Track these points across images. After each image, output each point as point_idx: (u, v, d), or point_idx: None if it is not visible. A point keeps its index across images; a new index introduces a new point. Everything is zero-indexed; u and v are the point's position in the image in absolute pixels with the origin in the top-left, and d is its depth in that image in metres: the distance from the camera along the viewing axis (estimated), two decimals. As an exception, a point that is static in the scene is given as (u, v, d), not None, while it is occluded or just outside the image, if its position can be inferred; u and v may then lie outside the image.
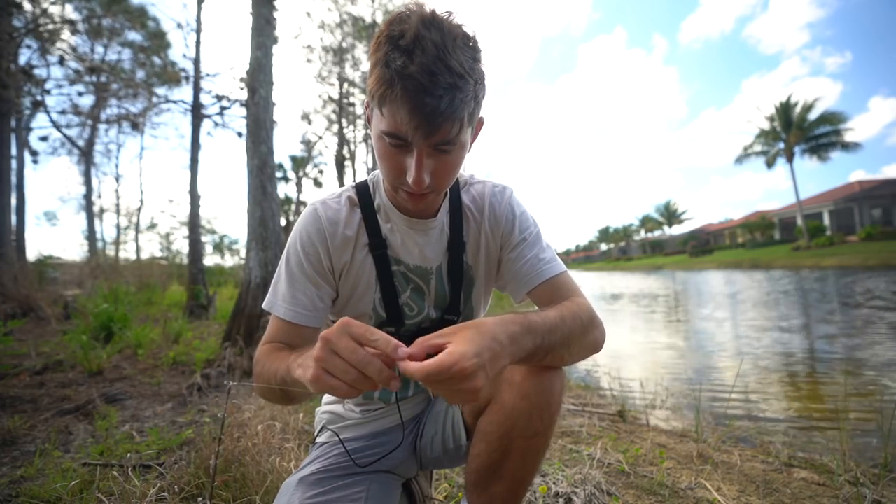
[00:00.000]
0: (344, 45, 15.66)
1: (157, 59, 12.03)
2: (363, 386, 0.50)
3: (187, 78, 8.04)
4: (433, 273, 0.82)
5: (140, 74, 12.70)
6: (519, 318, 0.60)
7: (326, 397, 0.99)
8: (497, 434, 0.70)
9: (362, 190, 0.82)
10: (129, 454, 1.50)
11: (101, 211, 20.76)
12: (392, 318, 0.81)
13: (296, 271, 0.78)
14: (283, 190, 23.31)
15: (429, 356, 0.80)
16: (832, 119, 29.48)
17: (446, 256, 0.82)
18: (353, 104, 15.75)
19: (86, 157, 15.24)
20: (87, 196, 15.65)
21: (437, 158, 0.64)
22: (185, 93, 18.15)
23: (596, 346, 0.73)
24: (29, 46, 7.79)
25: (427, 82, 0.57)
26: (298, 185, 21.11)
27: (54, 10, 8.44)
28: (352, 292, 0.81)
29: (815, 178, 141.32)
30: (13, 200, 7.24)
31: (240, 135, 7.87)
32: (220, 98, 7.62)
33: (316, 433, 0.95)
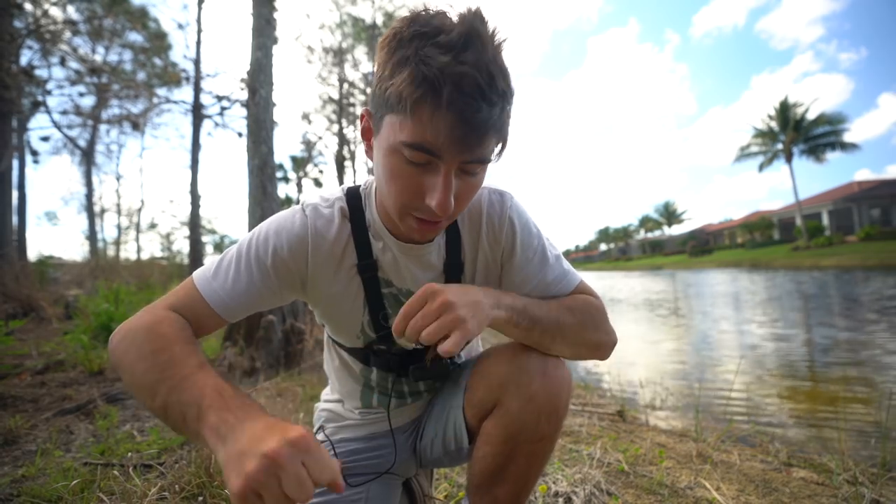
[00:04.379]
0: (344, 45, 15.67)
1: (157, 60, 12.07)
2: None
3: (188, 78, 8.07)
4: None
5: (141, 75, 12.73)
6: (490, 289, 0.66)
7: (325, 394, 0.98)
8: (503, 437, 0.69)
9: (354, 201, 0.73)
10: (129, 453, 1.51)
11: (102, 211, 20.79)
12: (382, 338, 0.77)
13: (254, 267, 0.68)
14: (284, 190, 23.36)
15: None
16: (830, 120, 29.51)
17: (443, 279, 0.75)
18: (353, 104, 15.75)
19: (87, 157, 15.26)
20: (88, 196, 15.67)
21: (462, 180, 0.57)
22: (185, 93, 18.24)
23: (598, 348, 0.72)
24: (30, 47, 7.82)
25: (486, 85, 0.49)
26: (299, 185, 21.13)
27: (55, 11, 8.47)
28: (335, 310, 0.76)
29: (819, 177, 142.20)
30: (14, 200, 7.25)
31: (240, 135, 7.90)
32: (220, 98, 7.66)
33: (315, 430, 0.95)
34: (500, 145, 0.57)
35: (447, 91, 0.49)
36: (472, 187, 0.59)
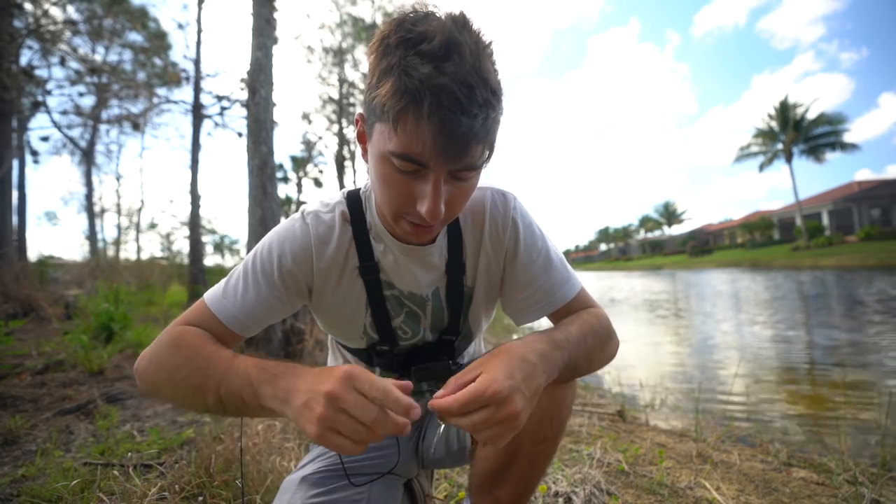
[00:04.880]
0: (344, 45, 15.66)
1: (157, 60, 12.07)
2: (373, 440, 0.48)
3: (188, 78, 8.06)
4: (429, 299, 0.76)
5: (141, 75, 12.72)
6: (544, 337, 0.61)
7: None
8: None
9: (354, 204, 0.73)
10: (129, 454, 1.51)
11: (102, 211, 20.78)
12: (385, 339, 0.77)
13: (261, 280, 0.68)
14: (284, 190, 23.37)
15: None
16: (830, 120, 29.54)
17: (444, 279, 0.75)
18: (353, 104, 15.76)
19: (87, 157, 15.26)
20: (88, 196, 15.66)
21: (453, 186, 0.57)
22: (185, 93, 18.24)
23: (611, 358, 0.73)
24: (30, 47, 7.81)
25: (464, 98, 0.49)
26: (299, 185, 21.12)
27: (55, 11, 8.47)
28: (337, 314, 0.76)
29: (819, 177, 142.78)
30: (14, 200, 7.25)
31: (240, 135, 7.88)
32: (220, 98, 7.64)
33: None
34: (487, 152, 0.56)
35: (427, 103, 0.49)
36: (464, 192, 0.59)
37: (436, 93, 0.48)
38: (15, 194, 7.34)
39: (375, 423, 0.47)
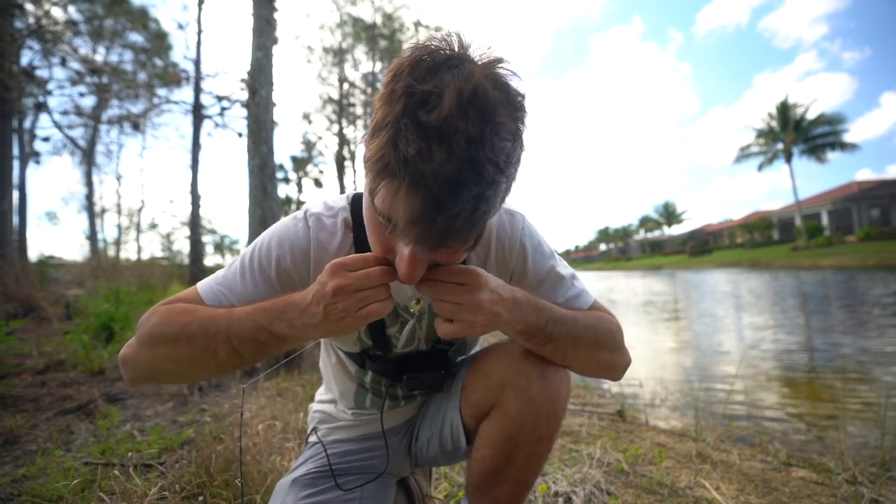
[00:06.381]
0: (344, 45, 15.67)
1: (158, 61, 12.09)
2: (384, 294, 0.55)
3: (188, 79, 8.08)
4: (425, 312, 0.76)
5: (141, 75, 12.74)
6: (533, 297, 0.64)
7: (320, 393, 0.98)
8: (501, 439, 0.70)
9: (357, 212, 0.72)
10: (130, 453, 1.51)
11: (103, 211, 20.76)
12: (378, 346, 0.77)
13: (258, 276, 0.68)
14: (284, 190, 23.37)
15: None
16: (830, 120, 29.56)
17: None
18: (353, 104, 15.76)
19: (87, 157, 15.27)
20: (89, 196, 15.68)
21: (436, 255, 0.53)
22: (185, 93, 18.24)
23: (611, 368, 0.71)
24: (31, 48, 7.81)
25: (444, 195, 0.43)
26: (299, 185, 21.14)
27: (57, 11, 8.48)
28: None
29: (820, 177, 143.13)
30: (15, 200, 7.25)
31: (240, 135, 7.90)
32: (220, 98, 7.66)
33: (308, 431, 0.95)
34: (481, 234, 0.52)
35: (405, 187, 0.44)
36: (450, 259, 0.55)
37: (415, 181, 0.43)
38: (16, 194, 7.34)
39: (378, 277, 0.54)
